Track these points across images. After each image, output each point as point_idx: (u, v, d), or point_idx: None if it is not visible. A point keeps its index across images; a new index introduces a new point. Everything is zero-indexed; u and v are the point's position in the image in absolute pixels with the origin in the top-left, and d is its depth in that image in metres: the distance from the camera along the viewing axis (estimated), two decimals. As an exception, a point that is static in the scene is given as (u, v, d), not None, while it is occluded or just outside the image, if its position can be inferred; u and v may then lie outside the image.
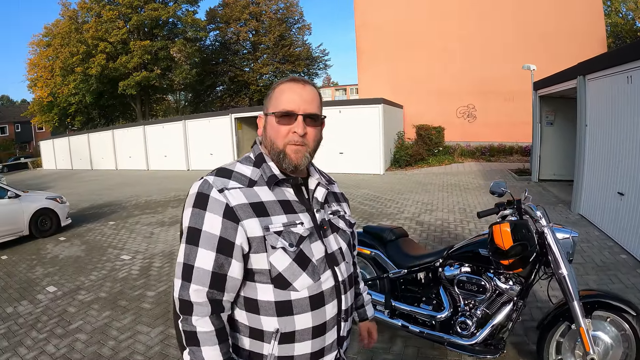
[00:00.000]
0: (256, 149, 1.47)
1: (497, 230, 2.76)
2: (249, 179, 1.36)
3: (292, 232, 1.33)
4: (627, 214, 6.14)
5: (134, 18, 33.01)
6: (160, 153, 23.81)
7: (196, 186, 1.32)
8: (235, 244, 1.27)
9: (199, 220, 1.27)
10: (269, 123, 1.42)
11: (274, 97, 1.42)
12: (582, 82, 8.33)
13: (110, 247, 7.81)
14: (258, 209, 1.31)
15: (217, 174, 1.34)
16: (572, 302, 2.68)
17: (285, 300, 1.31)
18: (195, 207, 1.28)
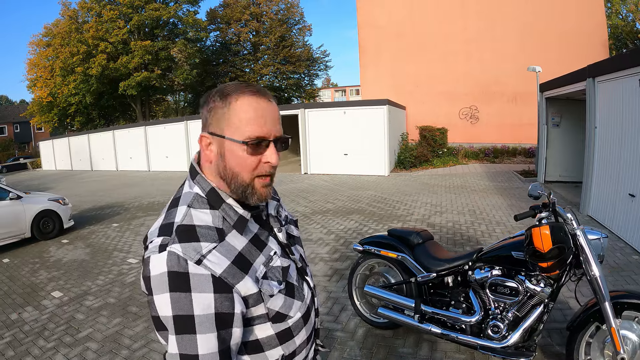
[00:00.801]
0: (202, 182, 1.18)
1: (537, 233, 2.75)
2: (216, 229, 1.11)
3: (273, 267, 1.20)
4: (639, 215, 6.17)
5: (135, 18, 32.88)
6: (161, 154, 23.66)
7: (162, 263, 1.03)
8: (235, 314, 1.08)
9: (186, 305, 1.02)
10: (228, 150, 1.13)
11: (232, 115, 1.12)
12: (591, 84, 8.31)
13: (115, 250, 7.65)
14: (242, 264, 1.11)
15: (181, 240, 1.05)
16: (603, 302, 2.67)
17: (285, 329, 1.22)
18: (173, 291, 1.01)
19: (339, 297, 4.87)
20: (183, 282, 1.01)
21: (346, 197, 11.61)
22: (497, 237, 7.16)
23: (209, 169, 1.18)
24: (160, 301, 1.02)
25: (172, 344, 1.03)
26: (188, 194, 1.16)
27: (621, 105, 7.04)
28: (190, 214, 1.11)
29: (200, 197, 1.15)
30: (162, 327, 1.05)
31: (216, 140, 1.14)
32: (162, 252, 1.03)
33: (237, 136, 1.11)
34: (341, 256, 6.45)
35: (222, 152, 1.14)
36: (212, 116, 1.14)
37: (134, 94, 33.90)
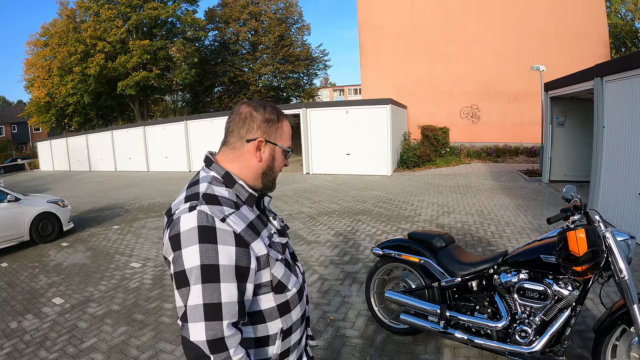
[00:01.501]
0: (217, 168, 1.43)
1: (572, 237, 2.68)
2: (233, 202, 1.35)
3: (275, 242, 1.43)
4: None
5: (133, 17, 32.61)
6: (161, 154, 23.43)
7: (192, 219, 1.24)
8: (250, 269, 1.28)
9: (213, 255, 1.21)
10: (277, 154, 1.49)
11: (282, 131, 1.49)
12: (599, 83, 8.24)
13: (117, 254, 7.43)
14: (254, 229, 1.34)
15: (208, 202, 1.28)
16: (632, 305, 2.63)
17: (284, 301, 1.42)
18: (202, 242, 1.21)
19: (354, 302, 4.72)
20: (211, 235, 1.22)
21: (351, 198, 11.46)
22: (507, 238, 7.05)
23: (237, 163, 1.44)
24: (189, 253, 1.20)
25: (196, 294, 1.19)
26: (206, 176, 1.40)
27: (631, 104, 7.01)
28: (211, 187, 1.35)
29: (217, 178, 1.40)
30: (184, 282, 1.21)
31: (270, 146, 1.46)
32: (192, 212, 1.25)
33: (284, 145, 1.50)
34: (352, 259, 6.29)
35: (274, 155, 1.48)
36: (268, 126, 1.45)
37: (132, 94, 33.66)
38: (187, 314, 1.20)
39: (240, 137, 1.43)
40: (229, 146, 1.45)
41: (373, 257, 6.21)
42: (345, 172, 16.82)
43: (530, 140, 20.42)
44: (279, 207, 10.65)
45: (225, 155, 1.45)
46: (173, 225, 1.26)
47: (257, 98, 38.01)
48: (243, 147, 1.43)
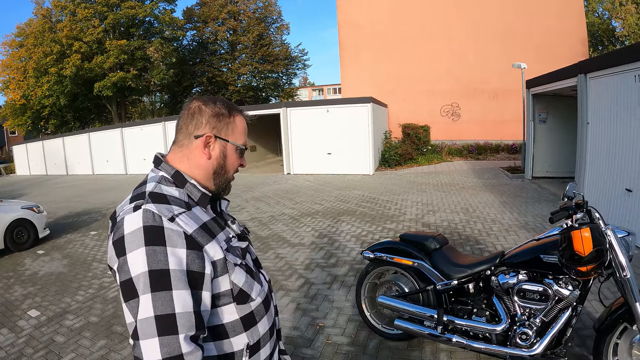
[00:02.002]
0: (166, 167, 1.32)
1: (577, 236, 2.59)
2: (184, 202, 1.24)
3: (233, 246, 1.31)
4: (637, 209, 6.23)
5: (110, 16, 31.89)
6: (139, 156, 22.93)
7: (136, 220, 1.12)
8: (205, 274, 1.15)
9: (161, 258, 1.08)
10: (229, 151, 1.39)
11: (235, 127, 1.39)
12: (583, 80, 8.32)
13: (95, 261, 7.12)
14: (208, 231, 1.22)
15: (155, 201, 1.17)
16: (634, 303, 2.59)
17: (249, 313, 1.30)
18: (149, 245, 1.08)
19: (343, 307, 4.57)
20: (158, 236, 1.09)
21: (333, 198, 11.33)
22: (495, 236, 7.01)
23: (187, 162, 1.33)
24: (135, 257, 1.07)
25: (146, 306, 1.05)
26: (155, 176, 1.29)
27: (615, 101, 7.07)
28: (159, 186, 1.24)
29: (166, 178, 1.29)
30: (131, 293, 1.07)
31: (220, 142, 1.35)
32: (137, 211, 1.13)
33: (238, 142, 1.39)
34: (338, 261, 6.15)
35: (225, 152, 1.37)
36: (218, 120, 1.35)
37: (109, 95, 32.89)
38: (137, 329, 1.05)
39: (189, 134, 1.33)
40: (178, 144, 1.36)
41: (361, 259, 6.11)
42: (326, 171, 16.71)
43: (511, 138, 20.61)
44: (261, 208, 10.47)
45: (175, 154, 1.35)
46: (116, 228, 1.14)
47: (236, 98, 37.84)
48: (191, 144, 1.33)
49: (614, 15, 31.39)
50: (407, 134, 19.55)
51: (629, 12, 29.22)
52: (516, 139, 19.98)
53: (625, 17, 29.34)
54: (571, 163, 10.72)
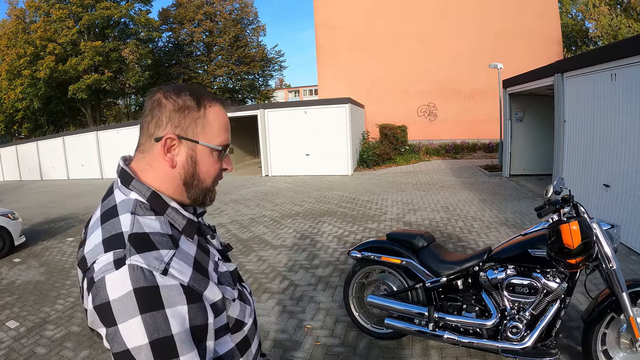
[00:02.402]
0: (139, 187, 1.05)
1: (566, 229, 2.67)
2: (169, 236, 1.00)
3: (222, 272, 1.12)
4: (615, 204, 6.39)
5: (85, 17, 31.26)
6: (115, 160, 22.12)
7: (123, 281, 0.88)
8: (208, 324, 0.99)
9: (162, 325, 0.88)
10: (201, 155, 1.09)
11: (206, 122, 1.08)
12: (560, 79, 8.50)
13: (73, 269, 6.88)
14: (201, 269, 1.02)
15: (139, 249, 0.92)
16: (621, 293, 2.69)
17: (243, 338, 1.16)
18: (145, 312, 0.87)
19: (330, 308, 4.54)
20: (154, 299, 0.89)
21: (313, 199, 11.29)
22: (476, 233, 7.08)
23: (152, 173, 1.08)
24: (130, 329, 0.87)
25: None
26: (126, 202, 1.03)
27: (592, 99, 7.24)
28: (137, 220, 0.98)
29: (141, 202, 1.03)
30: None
31: (186, 144, 1.07)
32: (120, 268, 0.89)
33: (213, 142, 1.09)
34: (321, 262, 6.11)
35: (194, 157, 1.08)
36: (182, 117, 1.06)
37: (84, 98, 32.25)
38: None
39: (149, 135, 1.07)
40: (139, 148, 1.10)
41: (345, 259, 6.12)
42: (305, 173, 16.67)
43: (487, 137, 20.89)
44: (240, 210, 10.37)
45: (138, 163, 1.09)
46: (96, 290, 0.90)
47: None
48: (153, 149, 1.07)
49: (588, 17, 32.26)
50: (384, 135, 19.65)
51: (602, 13, 30.04)
52: (492, 137, 20.28)
53: (599, 19, 30.14)
54: (548, 160, 10.92)
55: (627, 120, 6.08)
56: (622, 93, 6.18)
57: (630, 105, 5.99)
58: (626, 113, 6.10)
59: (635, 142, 5.92)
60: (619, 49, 6.49)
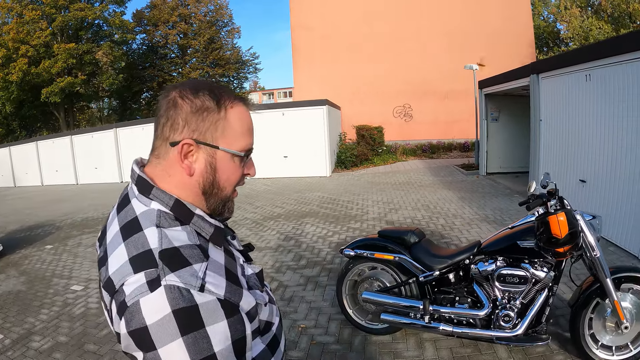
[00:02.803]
0: (161, 195, 0.98)
1: (554, 220, 2.85)
2: (198, 247, 0.93)
3: (249, 276, 1.07)
4: (591, 198, 6.64)
5: (59, 19, 30.53)
6: (90, 165, 22.03)
7: (161, 304, 0.82)
8: (247, 336, 0.94)
9: (205, 345, 0.83)
10: (221, 161, 1.00)
11: (227, 125, 1.00)
12: (535, 80, 8.77)
13: (55, 277, 6.71)
14: (233, 278, 0.96)
15: (173, 267, 0.85)
16: (605, 279, 2.89)
17: (272, 337, 1.11)
18: (186, 334, 0.81)
19: (321, 307, 4.59)
20: (195, 319, 0.83)
21: (294, 201, 11.31)
22: (458, 230, 7.24)
23: (169, 179, 1.00)
24: (172, 352, 0.81)
25: None
26: (148, 213, 0.96)
27: (567, 98, 7.50)
28: (164, 234, 0.91)
29: (165, 213, 0.96)
30: None
31: (205, 150, 0.99)
32: (156, 290, 0.83)
33: (236, 147, 1.01)
34: (309, 262, 6.16)
35: (213, 163, 1.00)
36: (201, 119, 0.97)
37: (57, 102, 31.49)
38: None
39: (165, 139, 0.99)
40: (154, 153, 1.03)
41: (331, 259, 6.19)
42: (283, 175, 16.66)
43: (462, 136, 21.26)
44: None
45: (154, 168, 1.03)
46: (130, 315, 0.83)
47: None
48: (168, 154, 0.99)
49: (559, 19, 33.30)
50: (361, 136, 19.77)
51: (574, 15, 31.05)
52: (467, 137, 20.65)
53: (570, 20, 31.13)
54: (523, 158, 11.21)
55: (601, 118, 6.34)
56: (597, 93, 6.43)
57: (605, 104, 6.24)
58: (600, 112, 6.35)
59: (609, 139, 6.16)
60: (594, 50, 6.72)
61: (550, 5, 35.35)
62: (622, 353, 3.12)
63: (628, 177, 5.73)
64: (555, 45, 34.98)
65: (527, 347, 3.37)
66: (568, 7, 31.73)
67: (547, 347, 3.42)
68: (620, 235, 5.86)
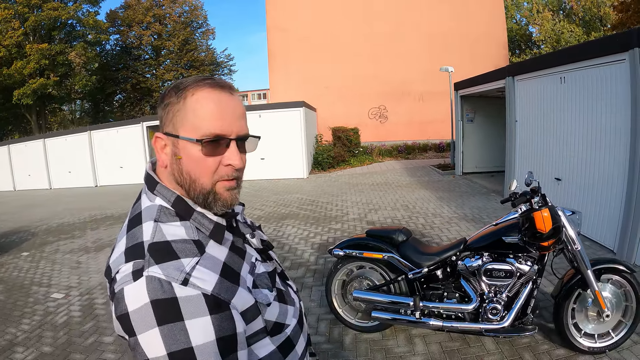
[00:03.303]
0: (164, 191, 1.02)
1: (539, 216, 3.00)
2: (194, 242, 0.95)
3: (259, 274, 1.07)
4: (567, 196, 6.84)
5: (32, 18, 29.65)
6: (63, 169, 21.51)
7: (140, 293, 0.85)
8: (237, 334, 0.92)
9: (181, 337, 0.84)
10: (184, 151, 0.98)
11: (187, 111, 0.98)
12: (511, 82, 8.98)
13: (33, 285, 6.52)
14: (230, 276, 0.96)
15: (158, 260, 0.89)
16: (586, 270, 3.06)
17: (285, 339, 1.08)
18: (163, 324, 0.84)
19: (309, 307, 4.63)
20: (172, 310, 0.85)
21: (272, 203, 11.29)
22: (438, 228, 7.38)
23: (166, 175, 1.04)
24: (149, 340, 0.84)
25: None
26: (150, 208, 1.00)
27: (542, 100, 7.72)
28: (159, 229, 0.95)
29: (165, 208, 0.99)
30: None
31: (170, 140, 1.00)
32: (138, 280, 0.87)
33: (192, 134, 0.96)
34: (292, 264, 6.18)
35: (177, 153, 0.99)
36: (166, 114, 1.00)
37: (29, 104, 30.64)
38: None
39: None
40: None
41: (314, 260, 6.24)
42: (261, 177, 16.60)
43: (437, 137, 21.56)
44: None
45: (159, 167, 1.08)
46: (117, 300, 0.88)
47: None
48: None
49: (532, 22, 34.14)
50: (337, 137, 19.84)
51: (546, 18, 31.91)
52: (442, 138, 20.96)
53: (542, 24, 31.97)
54: (498, 158, 11.47)
55: (575, 119, 6.57)
56: (571, 94, 6.65)
57: (578, 106, 6.47)
58: (574, 112, 6.58)
59: (583, 139, 6.39)
60: (568, 54, 6.95)
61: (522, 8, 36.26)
62: (604, 340, 3.30)
63: (601, 174, 5.96)
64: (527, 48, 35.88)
65: (514, 338, 3.50)
66: (540, 11, 32.63)
67: (533, 338, 3.57)
68: (596, 230, 6.08)
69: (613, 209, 5.69)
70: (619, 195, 5.53)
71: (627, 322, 3.28)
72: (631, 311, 3.25)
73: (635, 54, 5.05)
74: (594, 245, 5.97)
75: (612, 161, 5.71)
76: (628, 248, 5.26)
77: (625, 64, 5.32)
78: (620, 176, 5.51)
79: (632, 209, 5.21)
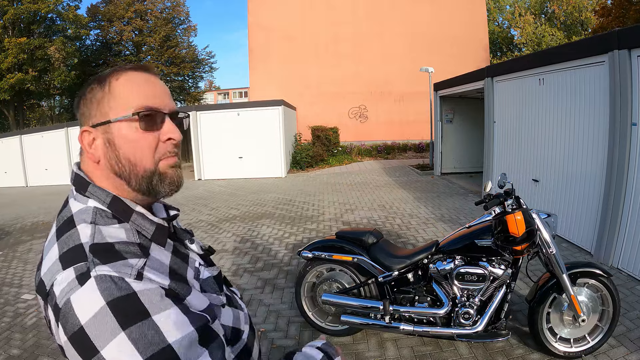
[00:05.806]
0: (98, 192, 0.91)
1: (512, 220, 2.93)
2: (137, 245, 0.85)
3: (205, 279, 0.99)
4: (544, 197, 6.89)
5: (11, 11, 28.77)
6: (40, 166, 21.01)
7: (92, 297, 0.72)
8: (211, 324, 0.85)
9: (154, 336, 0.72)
10: (118, 134, 0.89)
11: (114, 94, 0.90)
12: (489, 83, 9.02)
13: (4, 285, 6.29)
14: (179, 277, 0.88)
15: (104, 260, 0.77)
16: (562, 274, 3.01)
17: (243, 347, 1.01)
18: (128, 325, 0.71)
19: (280, 310, 4.52)
20: (135, 308, 0.73)
21: (249, 202, 11.14)
22: (414, 229, 7.32)
23: (100, 173, 0.93)
24: (117, 350, 0.70)
25: None
26: (83, 211, 0.88)
27: (518, 101, 7.77)
28: (98, 230, 0.84)
29: (101, 210, 0.89)
30: None
31: (101, 130, 0.90)
32: (86, 283, 0.73)
33: (126, 112, 0.89)
34: (265, 265, 6.06)
35: (112, 139, 0.90)
36: (91, 105, 0.92)
37: (6, 99, 29.90)
38: None
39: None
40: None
41: (288, 260, 6.14)
42: (238, 176, 16.45)
43: (416, 138, 21.64)
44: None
45: (87, 166, 0.97)
46: (64, 317, 0.73)
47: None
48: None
49: (513, 25, 34.76)
50: (317, 136, 19.77)
51: (527, 22, 32.41)
52: (422, 138, 21.03)
53: (524, 27, 32.48)
54: (477, 159, 11.50)
55: (553, 120, 6.59)
56: (550, 96, 6.67)
57: (556, 107, 6.49)
58: (552, 114, 6.60)
59: (560, 140, 6.41)
60: (547, 56, 6.97)
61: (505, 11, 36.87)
62: (580, 345, 3.26)
63: (579, 175, 5.97)
64: (509, 50, 36.43)
65: (487, 343, 3.45)
66: (522, 14, 33.15)
67: (507, 342, 3.51)
68: (573, 232, 6.10)
69: (590, 211, 5.70)
70: (596, 197, 5.55)
71: (603, 327, 3.24)
72: (608, 315, 3.22)
73: (615, 56, 5.06)
74: (571, 247, 5.98)
75: (590, 163, 5.72)
76: (605, 250, 5.26)
77: (604, 65, 5.34)
78: (598, 178, 5.52)
79: (609, 212, 5.21)
